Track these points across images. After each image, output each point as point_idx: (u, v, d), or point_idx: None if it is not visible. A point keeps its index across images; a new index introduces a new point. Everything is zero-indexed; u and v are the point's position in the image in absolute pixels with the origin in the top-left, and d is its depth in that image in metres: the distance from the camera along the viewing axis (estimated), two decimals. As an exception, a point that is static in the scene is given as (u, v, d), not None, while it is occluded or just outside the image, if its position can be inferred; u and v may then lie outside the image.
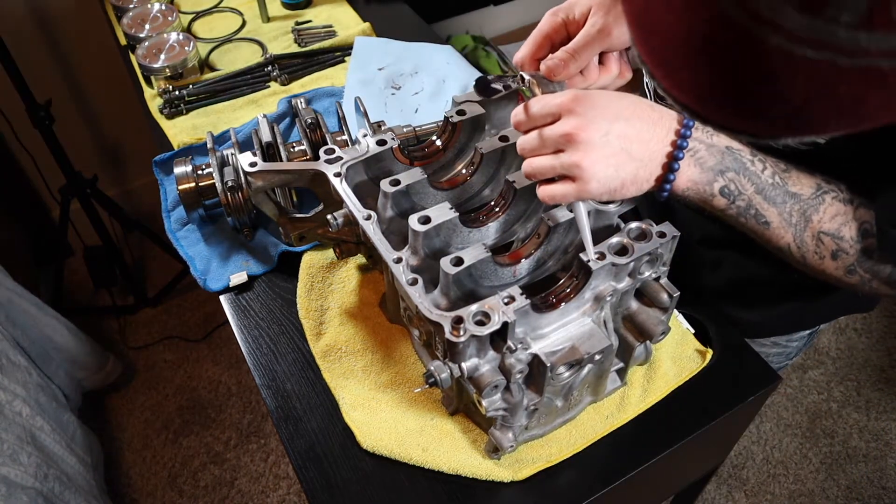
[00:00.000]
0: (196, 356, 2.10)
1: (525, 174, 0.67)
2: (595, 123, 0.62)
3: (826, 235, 0.68)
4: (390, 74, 1.20)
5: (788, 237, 0.69)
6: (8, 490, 1.21)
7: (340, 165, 0.79)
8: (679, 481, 0.98)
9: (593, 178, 0.63)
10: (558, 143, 0.63)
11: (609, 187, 0.64)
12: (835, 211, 0.67)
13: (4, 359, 1.42)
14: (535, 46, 0.70)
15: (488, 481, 0.73)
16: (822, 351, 2.11)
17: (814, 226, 0.68)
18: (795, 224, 0.68)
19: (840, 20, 0.31)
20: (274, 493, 1.81)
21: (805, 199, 0.67)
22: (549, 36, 0.70)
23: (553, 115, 0.63)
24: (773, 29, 0.33)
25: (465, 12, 2.36)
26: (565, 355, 0.66)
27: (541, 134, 0.64)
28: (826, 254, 0.68)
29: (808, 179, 0.68)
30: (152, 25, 1.28)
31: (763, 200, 0.67)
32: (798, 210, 0.67)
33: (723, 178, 0.67)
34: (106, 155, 2.22)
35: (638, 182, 0.65)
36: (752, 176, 0.67)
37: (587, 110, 0.62)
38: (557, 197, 0.65)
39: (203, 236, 0.97)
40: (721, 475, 1.85)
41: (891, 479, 1.83)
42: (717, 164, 0.66)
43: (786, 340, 0.99)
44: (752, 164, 0.67)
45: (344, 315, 0.88)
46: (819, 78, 0.34)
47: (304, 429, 0.78)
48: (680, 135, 0.64)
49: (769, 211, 0.68)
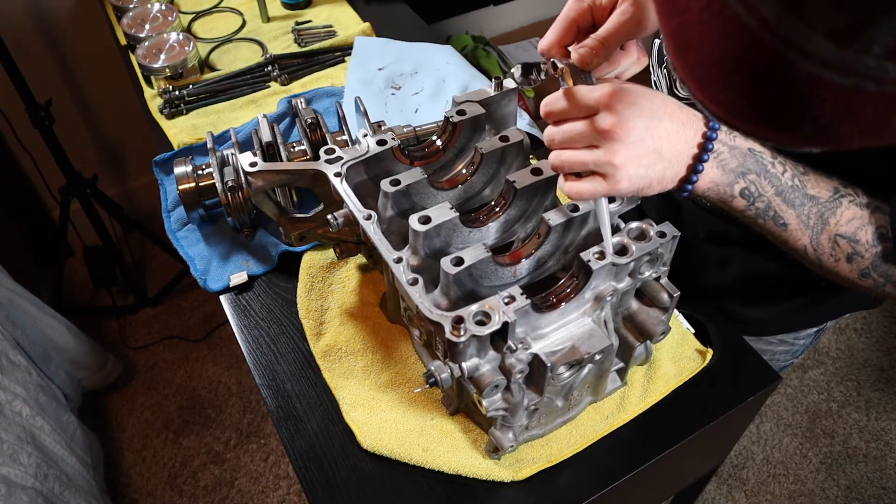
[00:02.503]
0: (196, 356, 2.10)
1: (552, 165, 0.66)
2: (632, 122, 0.61)
3: (842, 238, 0.68)
4: (390, 74, 1.20)
5: (805, 239, 0.69)
6: (8, 490, 1.21)
7: (341, 165, 0.79)
8: (679, 481, 0.98)
9: (625, 176, 0.63)
10: (594, 138, 0.62)
11: (638, 186, 0.64)
12: (851, 214, 0.68)
13: (4, 359, 1.42)
14: (562, 32, 0.69)
15: (488, 481, 0.73)
16: (822, 351, 2.10)
17: (830, 228, 0.68)
18: (813, 226, 0.69)
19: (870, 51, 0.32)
20: (274, 493, 1.81)
21: (823, 201, 0.68)
22: (576, 21, 0.69)
23: (589, 110, 0.63)
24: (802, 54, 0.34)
25: (465, 12, 2.36)
26: (565, 355, 0.66)
27: (576, 127, 0.63)
28: (841, 257, 0.69)
29: (826, 183, 0.69)
30: (152, 25, 1.28)
31: (782, 202, 0.68)
32: (816, 213, 0.68)
33: (744, 180, 0.67)
34: (106, 155, 2.22)
35: (664, 182, 0.65)
36: (772, 178, 0.67)
37: (625, 107, 0.62)
38: (585, 194, 0.64)
39: (203, 236, 0.97)
40: (721, 475, 1.85)
41: (891, 479, 1.83)
42: (739, 167, 0.67)
43: (793, 338, 1.00)
44: (773, 167, 0.68)
45: (344, 315, 0.88)
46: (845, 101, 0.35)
47: (305, 429, 0.78)
48: (706, 137, 0.65)
49: (787, 213, 0.68)
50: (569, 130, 0.64)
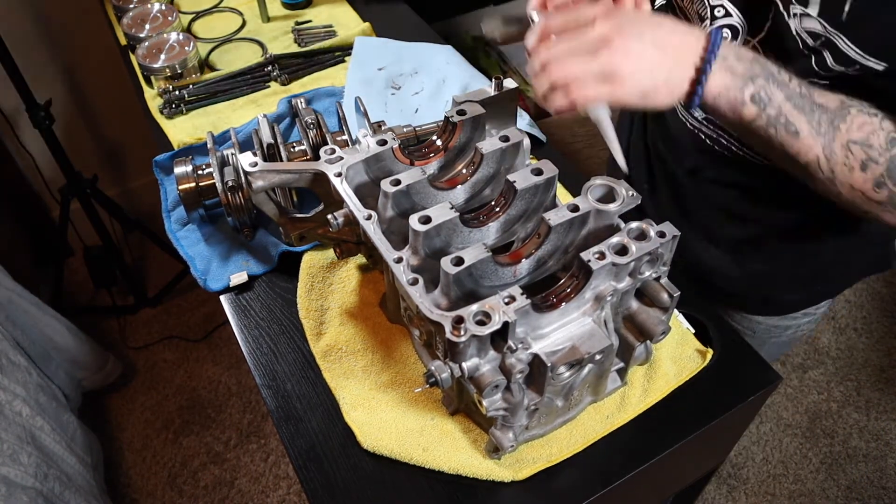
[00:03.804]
0: (196, 356, 2.10)
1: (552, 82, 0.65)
2: (630, 26, 0.62)
3: (855, 144, 0.68)
4: (390, 74, 1.20)
5: (818, 148, 0.68)
6: (8, 490, 1.21)
7: (341, 165, 0.79)
8: (679, 481, 0.98)
9: (628, 77, 0.62)
10: (593, 45, 0.62)
11: (643, 88, 0.64)
12: (861, 121, 0.67)
13: (4, 359, 1.42)
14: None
15: (489, 481, 0.73)
16: (822, 351, 2.11)
17: (842, 135, 0.67)
18: (824, 133, 0.68)
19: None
20: (274, 493, 1.81)
21: (832, 109, 0.68)
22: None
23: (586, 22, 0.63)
24: None
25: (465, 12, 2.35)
26: (566, 355, 0.66)
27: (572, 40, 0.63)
28: (855, 164, 0.68)
29: (832, 94, 0.69)
30: (152, 25, 1.28)
31: (793, 108, 0.67)
32: (826, 119, 0.67)
33: (753, 85, 0.66)
34: (106, 155, 2.22)
35: (670, 85, 0.65)
36: (780, 84, 0.67)
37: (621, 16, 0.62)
38: (590, 97, 0.64)
39: (203, 236, 0.97)
40: (721, 475, 1.85)
41: (891, 479, 1.83)
42: (747, 71, 0.66)
43: (815, 308, 1.02)
44: (779, 74, 0.68)
45: (344, 315, 0.88)
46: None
47: (305, 429, 0.78)
48: (709, 40, 0.65)
49: (799, 119, 0.67)
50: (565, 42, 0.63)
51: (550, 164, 0.75)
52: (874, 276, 2.26)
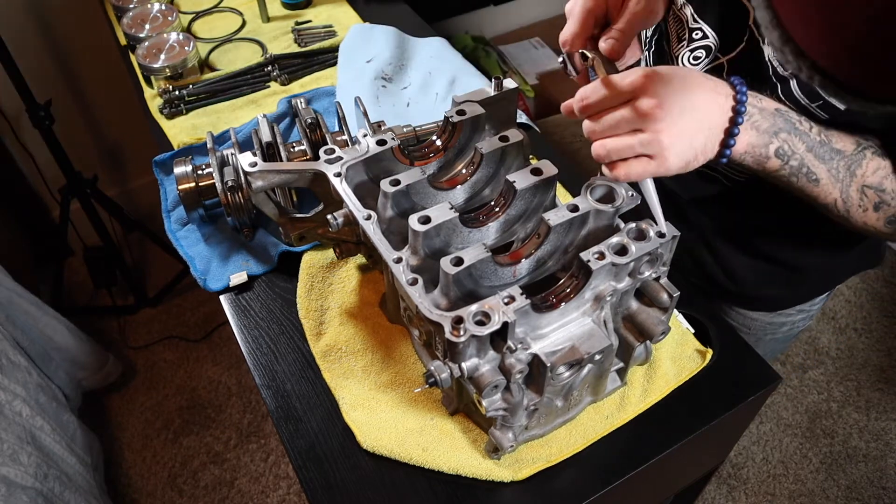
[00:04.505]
0: (196, 356, 2.10)
1: (598, 156, 0.66)
2: (670, 100, 0.62)
3: (870, 189, 0.71)
4: (379, 65, 1.20)
5: (836, 193, 0.71)
6: (8, 490, 1.21)
7: (341, 165, 0.79)
8: (679, 481, 0.98)
9: (672, 153, 0.64)
10: (637, 122, 0.63)
11: (685, 160, 0.65)
12: (876, 165, 0.71)
13: (4, 359, 1.42)
14: (582, 24, 0.70)
15: (488, 481, 0.73)
16: (822, 351, 2.11)
17: (858, 180, 0.71)
18: (842, 179, 0.71)
19: None
20: (274, 493, 1.82)
21: (848, 154, 0.70)
22: (593, 12, 0.70)
23: (626, 96, 0.63)
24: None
25: (465, 12, 2.36)
26: (565, 355, 0.66)
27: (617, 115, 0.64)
28: (869, 206, 0.72)
29: (848, 137, 0.71)
30: (152, 25, 1.28)
31: (814, 158, 0.70)
32: (844, 166, 0.70)
33: (777, 140, 0.68)
34: (106, 155, 2.22)
35: (706, 151, 0.66)
36: (802, 135, 0.69)
37: (660, 87, 0.63)
38: (634, 175, 0.65)
39: (203, 236, 0.97)
40: (721, 475, 1.85)
41: (891, 479, 1.83)
42: (771, 126, 0.68)
43: (809, 305, 1.03)
44: (801, 124, 0.69)
45: (344, 315, 0.88)
46: None
47: (304, 429, 0.78)
48: (737, 100, 0.66)
49: (819, 168, 0.70)
50: (611, 120, 0.64)
51: (550, 164, 0.75)
52: (874, 277, 2.26)
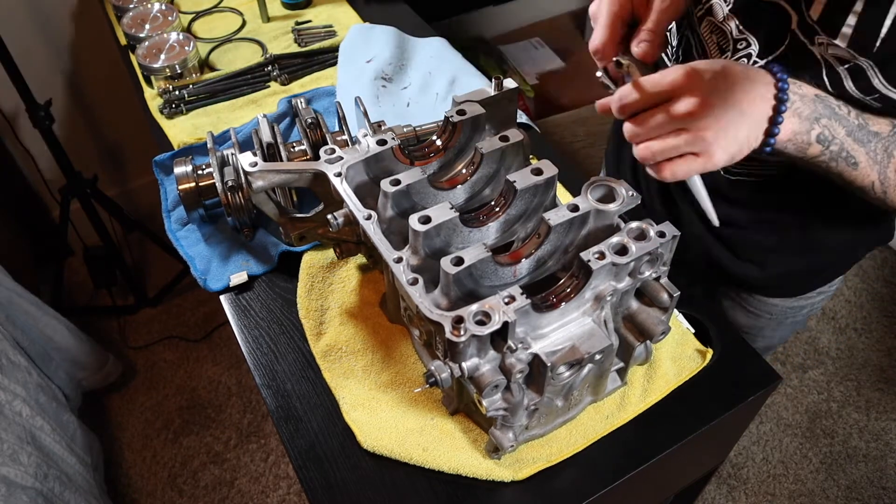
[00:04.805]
0: (196, 356, 2.10)
1: (643, 158, 0.66)
2: (713, 96, 0.62)
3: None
4: (379, 65, 1.20)
5: (874, 175, 0.71)
6: (8, 490, 1.21)
7: (341, 165, 0.79)
8: (679, 481, 0.98)
9: (719, 148, 0.63)
10: (680, 122, 0.63)
11: (731, 154, 0.65)
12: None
13: (4, 359, 1.42)
14: (612, 29, 0.70)
15: (488, 481, 0.73)
16: (822, 351, 2.11)
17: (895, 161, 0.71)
18: (880, 161, 0.71)
19: None
20: (274, 493, 1.82)
21: (885, 136, 0.70)
22: (620, 16, 0.70)
23: (666, 95, 0.63)
24: None
25: (465, 12, 2.36)
26: (565, 355, 0.66)
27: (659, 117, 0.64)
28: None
29: (883, 119, 0.71)
30: (152, 25, 1.28)
31: (853, 142, 0.69)
32: (881, 147, 0.70)
33: (818, 126, 0.68)
34: (106, 155, 2.22)
35: (750, 142, 0.66)
36: (841, 119, 0.69)
37: (700, 83, 0.62)
38: (681, 174, 0.65)
39: (203, 236, 0.97)
40: (721, 475, 1.85)
41: (891, 479, 1.83)
42: (812, 112, 0.68)
43: (828, 287, 1.04)
44: (840, 109, 0.69)
45: (344, 315, 0.88)
46: None
47: (305, 429, 0.78)
48: (778, 88, 0.65)
49: (858, 151, 0.70)
50: (653, 122, 0.64)
51: (550, 164, 0.75)
52: (874, 277, 2.26)
